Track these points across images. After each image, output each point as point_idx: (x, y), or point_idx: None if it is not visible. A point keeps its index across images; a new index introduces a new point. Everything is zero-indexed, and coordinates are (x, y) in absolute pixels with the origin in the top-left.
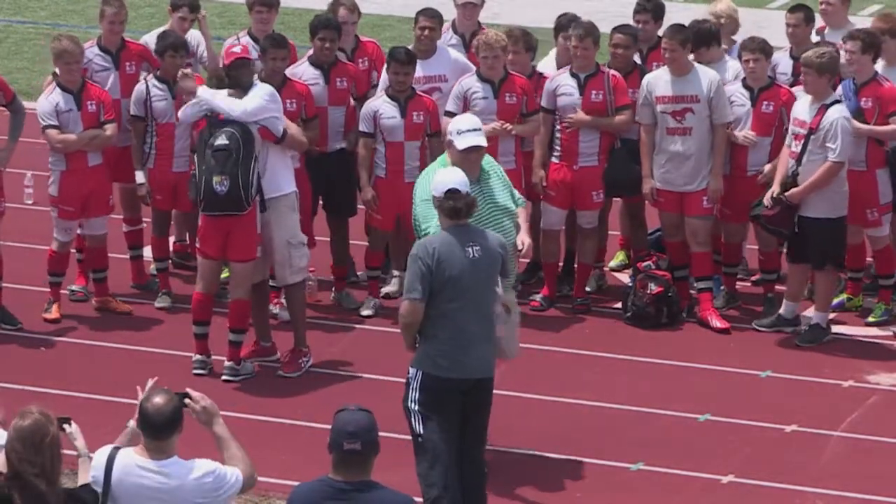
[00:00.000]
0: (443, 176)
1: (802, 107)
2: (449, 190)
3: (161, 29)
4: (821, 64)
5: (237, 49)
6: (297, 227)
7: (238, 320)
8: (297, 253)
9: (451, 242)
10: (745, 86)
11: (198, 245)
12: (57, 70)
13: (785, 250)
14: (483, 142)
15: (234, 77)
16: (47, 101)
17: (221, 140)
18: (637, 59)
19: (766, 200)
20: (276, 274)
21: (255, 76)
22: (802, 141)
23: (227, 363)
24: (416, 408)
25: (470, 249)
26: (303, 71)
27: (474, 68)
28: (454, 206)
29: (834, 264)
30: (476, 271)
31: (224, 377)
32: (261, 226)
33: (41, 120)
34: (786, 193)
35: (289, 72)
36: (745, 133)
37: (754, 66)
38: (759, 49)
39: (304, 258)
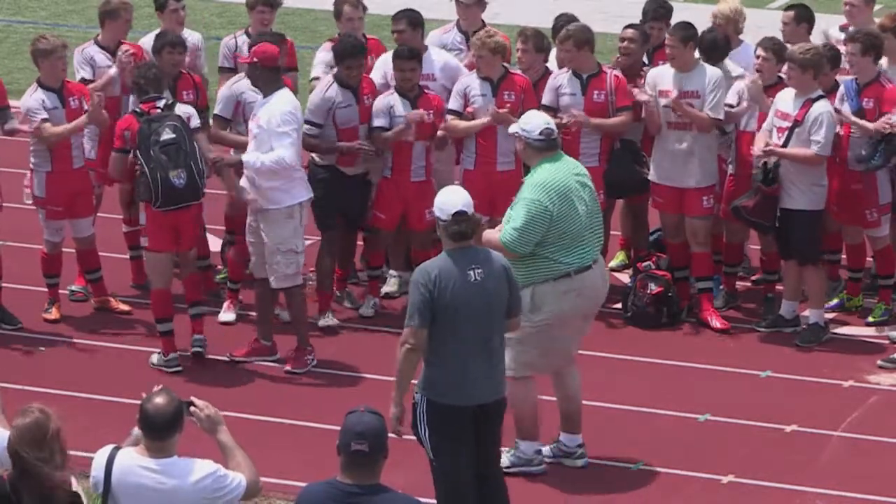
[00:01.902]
0: (447, 196)
1: (786, 100)
2: (457, 212)
3: (158, 31)
4: (804, 59)
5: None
6: (293, 236)
7: (194, 294)
8: (285, 260)
9: (451, 266)
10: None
11: (148, 243)
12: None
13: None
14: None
15: (257, 77)
16: (32, 98)
17: (168, 134)
18: (644, 59)
19: (756, 151)
20: (268, 275)
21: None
22: (786, 133)
23: (195, 336)
24: (426, 434)
25: (472, 273)
26: (334, 93)
27: (461, 67)
28: (460, 231)
29: (812, 259)
30: (479, 295)
31: (194, 350)
32: (254, 229)
33: (32, 116)
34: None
35: (318, 94)
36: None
37: (762, 63)
38: (772, 49)
39: (293, 265)
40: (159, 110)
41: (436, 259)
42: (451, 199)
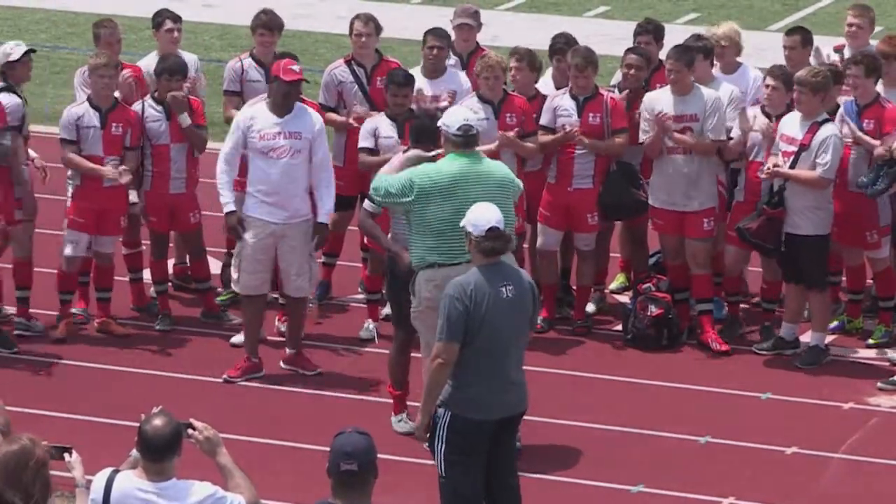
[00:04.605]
0: (481, 212)
1: (792, 124)
2: (490, 228)
3: (156, 52)
4: (815, 83)
5: (296, 69)
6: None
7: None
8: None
9: (486, 282)
10: (764, 112)
11: None
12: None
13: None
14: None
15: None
16: (69, 112)
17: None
18: None
19: (763, 171)
20: (294, 286)
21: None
22: (792, 157)
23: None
24: (443, 447)
25: (504, 289)
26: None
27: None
28: (493, 247)
29: (819, 285)
30: (511, 312)
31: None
32: (267, 247)
33: (59, 130)
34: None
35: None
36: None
37: (771, 93)
38: (781, 77)
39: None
40: None
41: (469, 275)
42: (485, 215)
